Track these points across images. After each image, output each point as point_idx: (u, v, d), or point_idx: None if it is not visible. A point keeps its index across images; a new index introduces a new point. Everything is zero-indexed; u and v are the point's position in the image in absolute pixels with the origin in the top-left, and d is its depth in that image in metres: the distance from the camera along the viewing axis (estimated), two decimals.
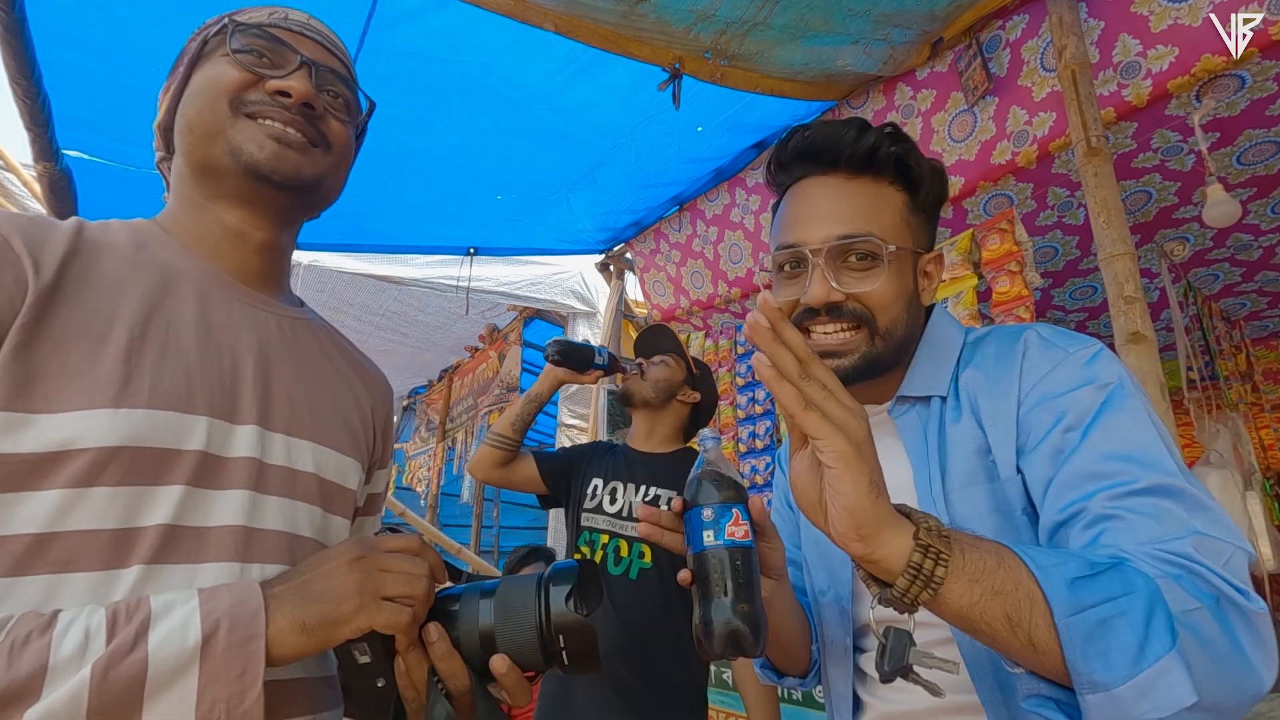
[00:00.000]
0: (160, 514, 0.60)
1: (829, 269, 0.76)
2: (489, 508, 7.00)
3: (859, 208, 0.78)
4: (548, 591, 0.64)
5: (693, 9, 1.91)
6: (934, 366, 0.81)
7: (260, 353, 0.71)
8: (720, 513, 0.69)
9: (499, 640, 0.63)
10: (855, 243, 0.76)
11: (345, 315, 4.59)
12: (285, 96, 0.72)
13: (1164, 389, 1.57)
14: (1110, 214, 1.69)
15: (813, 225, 0.78)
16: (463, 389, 5.70)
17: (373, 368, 0.91)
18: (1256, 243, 2.71)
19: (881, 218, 0.78)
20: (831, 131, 0.80)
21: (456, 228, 3.46)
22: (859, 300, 0.77)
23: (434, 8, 1.93)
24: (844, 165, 0.79)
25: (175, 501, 0.61)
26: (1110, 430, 0.65)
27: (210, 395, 0.65)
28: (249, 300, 0.74)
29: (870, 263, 0.77)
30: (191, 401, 0.63)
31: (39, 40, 1.78)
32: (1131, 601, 0.52)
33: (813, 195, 0.80)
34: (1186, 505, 0.60)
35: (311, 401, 0.75)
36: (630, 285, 4.02)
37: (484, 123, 2.50)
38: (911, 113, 2.32)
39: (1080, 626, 0.52)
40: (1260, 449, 3.58)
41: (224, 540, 0.63)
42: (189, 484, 0.62)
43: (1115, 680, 0.51)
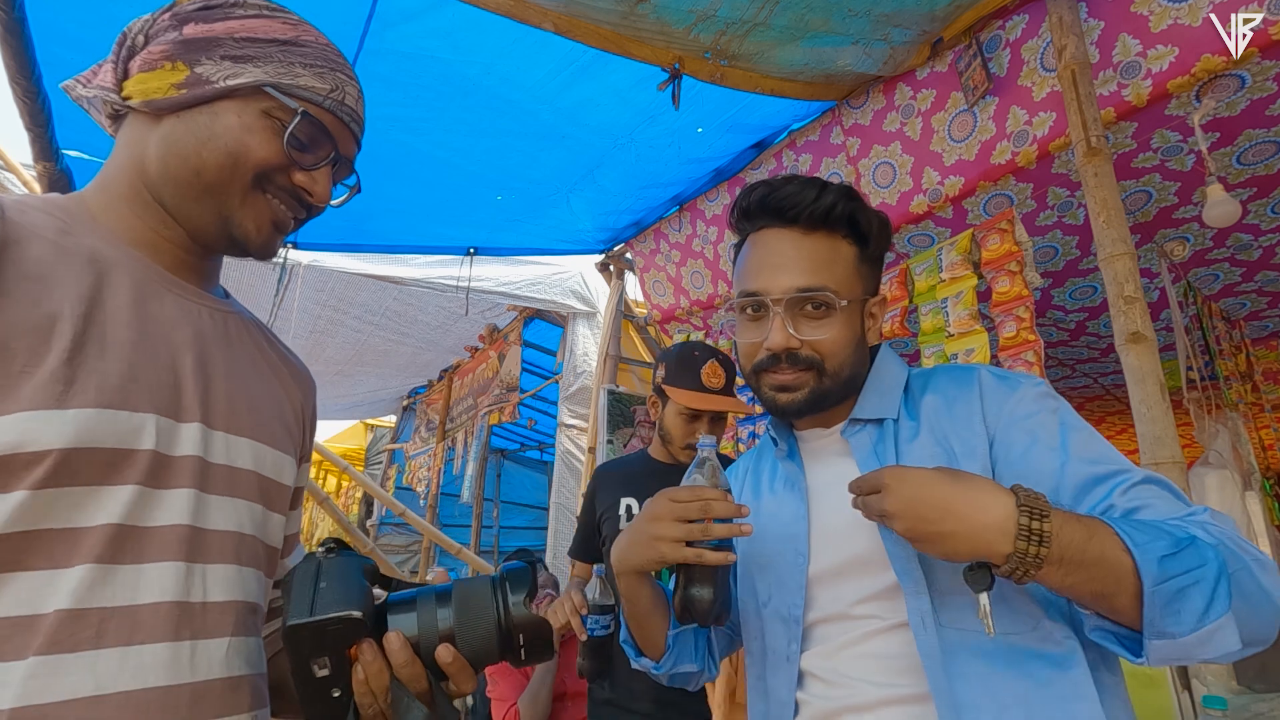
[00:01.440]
0: (109, 514, 0.59)
1: (788, 317, 0.87)
2: (489, 508, 7.01)
3: (816, 262, 0.88)
4: (505, 593, 0.68)
5: (693, 9, 1.91)
6: (881, 395, 0.92)
7: (197, 347, 0.69)
8: None
9: (459, 641, 0.66)
10: (813, 294, 0.86)
11: (345, 315, 4.59)
12: (306, 194, 0.73)
13: (1164, 389, 1.57)
14: (1110, 214, 1.69)
15: (775, 275, 0.88)
16: (463, 389, 5.70)
17: (297, 361, 0.91)
18: (1256, 243, 2.71)
19: (835, 271, 0.88)
20: (793, 190, 0.89)
21: (456, 228, 3.46)
22: (812, 347, 0.87)
23: (434, 8, 1.93)
24: (803, 221, 0.89)
25: (126, 501, 0.60)
26: (1081, 444, 0.81)
27: (154, 392, 0.63)
28: (181, 292, 0.71)
29: (824, 312, 0.87)
30: (138, 399, 0.62)
31: (39, 40, 1.78)
32: (1205, 572, 0.65)
33: (774, 246, 0.90)
34: (1165, 487, 0.77)
35: (248, 397, 0.73)
36: (630, 285, 4.02)
37: (484, 123, 2.50)
38: (911, 113, 2.32)
39: (1163, 594, 0.64)
40: (1260, 449, 3.58)
41: (169, 540, 0.62)
42: (141, 484, 0.61)
43: (1183, 631, 0.64)
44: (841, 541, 0.87)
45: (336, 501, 7.98)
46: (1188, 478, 1.55)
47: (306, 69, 0.71)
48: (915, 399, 0.91)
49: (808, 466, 0.96)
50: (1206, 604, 0.64)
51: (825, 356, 0.87)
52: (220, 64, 0.67)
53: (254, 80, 0.68)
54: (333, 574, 0.64)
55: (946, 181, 2.31)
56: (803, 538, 0.90)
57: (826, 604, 0.87)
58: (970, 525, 0.66)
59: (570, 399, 4.30)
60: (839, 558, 0.87)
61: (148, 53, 0.68)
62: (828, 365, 0.87)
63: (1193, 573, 0.64)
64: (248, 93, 0.68)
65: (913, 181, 2.41)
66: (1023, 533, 0.65)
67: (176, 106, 0.67)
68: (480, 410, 5.03)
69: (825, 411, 0.92)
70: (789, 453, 0.97)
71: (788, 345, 0.86)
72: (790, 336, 0.86)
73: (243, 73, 0.67)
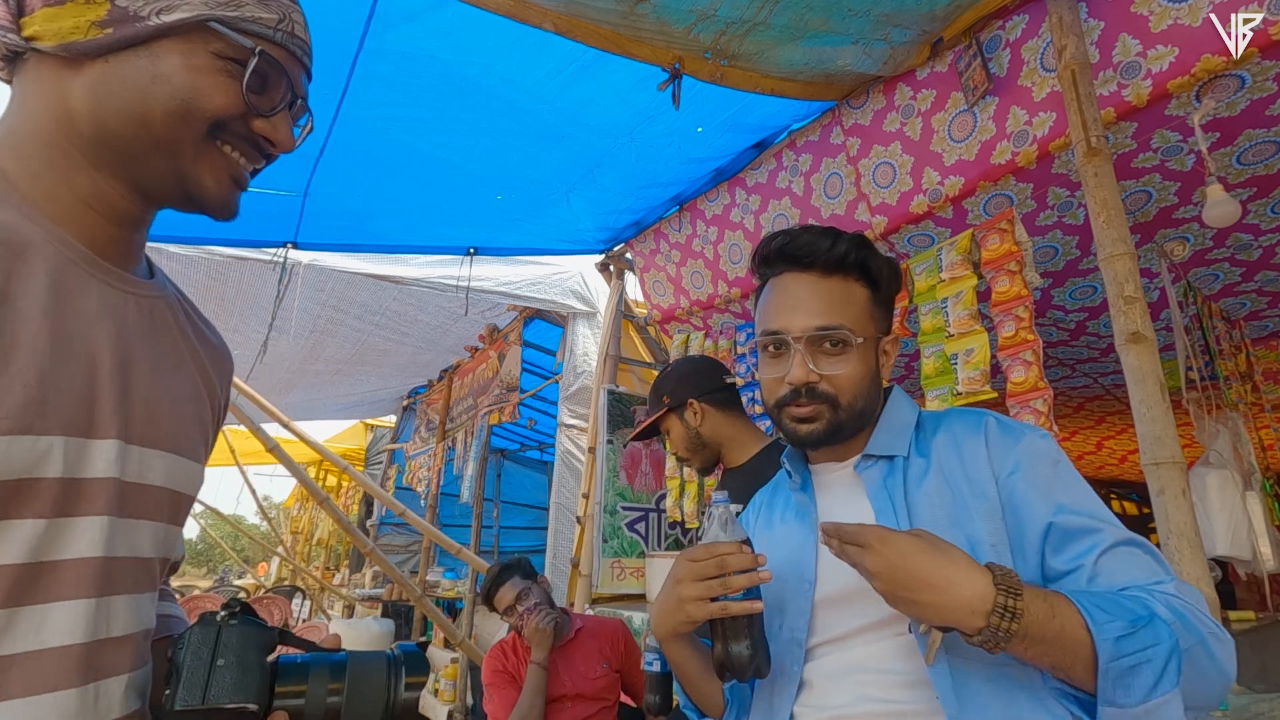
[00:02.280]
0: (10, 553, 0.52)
1: (808, 354, 0.93)
2: (489, 508, 7.01)
3: (832, 303, 0.95)
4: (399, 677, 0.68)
5: (693, 9, 1.91)
6: (892, 434, 0.98)
7: (119, 347, 0.61)
8: None
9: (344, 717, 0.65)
10: (830, 333, 0.93)
11: (345, 315, 4.59)
12: (268, 143, 0.66)
13: (1164, 389, 1.57)
14: (1110, 214, 1.69)
15: (794, 316, 0.95)
16: (463, 389, 5.70)
17: (217, 338, 0.80)
18: (1256, 243, 2.71)
19: (849, 311, 0.95)
20: (810, 239, 0.97)
21: (456, 228, 3.46)
22: (829, 382, 0.94)
23: (434, 8, 1.93)
24: (819, 266, 0.97)
25: (28, 538, 0.52)
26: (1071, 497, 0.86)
27: (65, 409, 0.55)
28: (106, 278, 0.61)
29: (841, 349, 0.94)
30: (44, 419, 0.53)
31: None
32: (1157, 651, 0.70)
33: (793, 289, 0.98)
34: (1144, 550, 0.82)
35: (169, 400, 0.66)
36: (630, 285, 4.02)
37: (484, 123, 2.50)
38: (911, 113, 2.32)
39: (1116, 669, 0.70)
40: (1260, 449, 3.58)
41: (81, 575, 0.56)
42: (47, 516, 0.54)
43: (1132, 703, 0.70)
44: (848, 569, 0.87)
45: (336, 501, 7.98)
46: (1188, 478, 1.55)
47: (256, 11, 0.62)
48: (926, 438, 0.97)
49: (819, 498, 1.01)
50: (1155, 680, 0.70)
51: (840, 391, 0.94)
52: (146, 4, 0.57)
53: (195, 15, 0.58)
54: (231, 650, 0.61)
55: (946, 181, 2.31)
56: (810, 564, 0.95)
57: (830, 628, 0.92)
58: (946, 599, 0.72)
59: (570, 399, 4.30)
60: (845, 584, 0.90)
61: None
62: (843, 399, 0.94)
63: (1146, 651, 0.70)
64: (189, 29, 0.59)
65: (913, 181, 2.41)
66: (998, 609, 0.70)
67: (103, 49, 0.57)
68: (480, 410, 5.03)
69: (840, 444, 0.98)
70: (802, 485, 1.03)
71: (807, 379, 0.93)
72: (810, 371, 0.93)
73: (179, 5, 0.58)
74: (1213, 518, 2.60)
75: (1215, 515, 2.60)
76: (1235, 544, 2.56)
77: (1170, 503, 1.52)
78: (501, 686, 2.33)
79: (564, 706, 2.33)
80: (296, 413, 6.22)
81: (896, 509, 0.91)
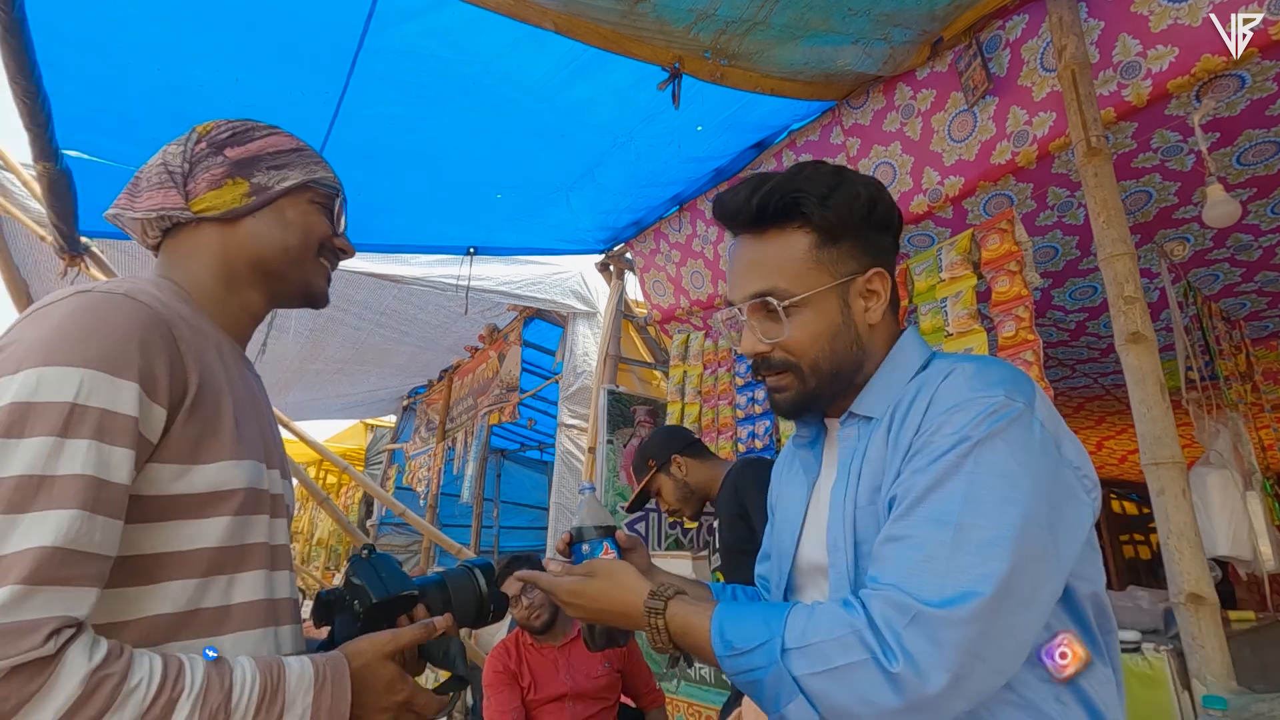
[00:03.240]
0: (261, 534, 0.81)
1: (754, 323, 0.88)
2: (489, 507, 7.00)
3: (764, 264, 0.86)
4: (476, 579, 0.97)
5: (692, 8, 1.91)
6: (884, 390, 0.86)
7: (265, 409, 0.92)
8: (594, 547, 0.96)
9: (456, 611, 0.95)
10: (762, 299, 0.86)
11: (345, 314, 4.59)
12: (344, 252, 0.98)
13: (1164, 389, 1.57)
14: (1110, 214, 1.69)
15: (736, 284, 0.89)
16: (463, 389, 5.70)
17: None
18: (1256, 243, 2.71)
19: (786, 268, 0.85)
20: (728, 199, 0.89)
21: (456, 227, 3.46)
22: (784, 348, 0.86)
23: (433, 7, 1.93)
24: (746, 226, 0.89)
25: (265, 524, 0.83)
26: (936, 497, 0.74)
27: (264, 446, 0.85)
28: (245, 363, 0.92)
29: (788, 311, 0.85)
30: (262, 452, 0.84)
31: (39, 40, 1.78)
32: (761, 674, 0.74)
33: (735, 254, 0.91)
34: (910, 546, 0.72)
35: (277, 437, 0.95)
36: (630, 285, 4.02)
37: (484, 122, 2.50)
38: (911, 113, 2.32)
39: (739, 683, 0.78)
40: (1260, 449, 3.58)
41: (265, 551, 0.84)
42: (270, 515, 0.83)
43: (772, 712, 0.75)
44: (815, 544, 0.89)
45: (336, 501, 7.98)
46: (1188, 478, 1.55)
47: (316, 165, 0.94)
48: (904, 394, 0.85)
49: (827, 454, 0.95)
50: (773, 698, 0.74)
51: (798, 356, 0.86)
52: (268, 173, 0.89)
53: (298, 180, 0.91)
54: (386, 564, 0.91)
55: (946, 181, 2.31)
56: (797, 526, 0.93)
57: (805, 596, 0.91)
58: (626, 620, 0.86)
59: (570, 399, 4.30)
60: (810, 559, 0.91)
61: (208, 175, 0.87)
62: (804, 364, 0.86)
63: (753, 672, 0.75)
64: (295, 190, 0.91)
65: (913, 181, 2.41)
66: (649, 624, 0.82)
67: (251, 210, 0.88)
68: (480, 410, 5.03)
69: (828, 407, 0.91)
70: (811, 440, 0.97)
71: (755, 350, 0.88)
72: (758, 342, 0.87)
73: (287, 178, 0.90)
74: (1213, 518, 2.60)
75: (1215, 515, 2.60)
76: (1236, 544, 2.56)
77: (1170, 503, 1.52)
78: (501, 688, 2.33)
79: (565, 706, 2.33)
80: (296, 413, 6.22)
81: (850, 480, 0.84)
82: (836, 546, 0.82)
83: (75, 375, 0.66)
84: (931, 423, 0.76)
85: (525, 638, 2.44)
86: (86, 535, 0.62)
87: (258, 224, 0.89)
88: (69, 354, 0.66)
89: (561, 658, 2.39)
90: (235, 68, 2.14)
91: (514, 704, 2.30)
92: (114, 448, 0.66)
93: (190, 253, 0.88)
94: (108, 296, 0.72)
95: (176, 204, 0.86)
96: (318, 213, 0.93)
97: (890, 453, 0.80)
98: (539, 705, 2.34)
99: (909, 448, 0.77)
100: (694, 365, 3.40)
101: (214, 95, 2.22)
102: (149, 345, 0.71)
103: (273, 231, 0.89)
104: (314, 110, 2.30)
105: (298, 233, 0.91)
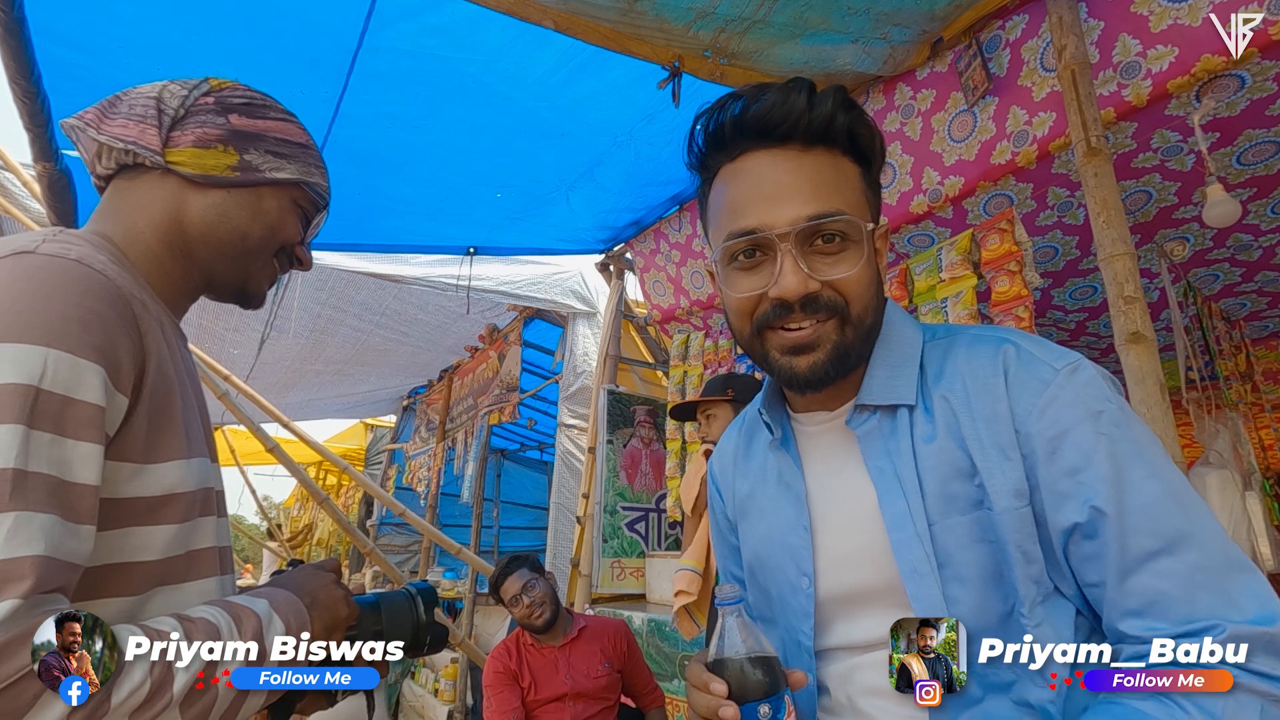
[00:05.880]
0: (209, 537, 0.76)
1: (800, 255, 0.68)
2: (489, 508, 7.01)
3: (825, 183, 0.69)
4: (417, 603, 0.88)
5: (692, 6, 1.91)
6: (893, 370, 0.74)
7: (202, 393, 0.85)
8: (776, 706, 0.63)
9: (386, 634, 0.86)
10: (828, 222, 0.68)
11: (345, 314, 4.59)
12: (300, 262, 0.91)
13: (1164, 389, 1.57)
14: (1110, 214, 1.69)
15: (775, 206, 0.68)
16: (463, 389, 5.70)
17: None
18: (1256, 243, 2.71)
19: (847, 194, 0.70)
20: (780, 98, 0.69)
21: (456, 227, 3.46)
22: (834, 288, 0.69)
23: (433, 5, 1.93)
24: (797, 137, 0.70)
25: (213, 526, 0.77)
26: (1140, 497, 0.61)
27: (208, 438, 0.81)
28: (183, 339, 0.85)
29: (842, 244, 0.69)
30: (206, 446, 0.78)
31: (39, 40, 1.78)
32: None
33: (766, 173, 0.70)
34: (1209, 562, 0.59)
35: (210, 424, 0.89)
36: (630, 285, 4.02)
37: (483, 120, 2.50)
38: (911, 113, 2.32)
39: None
40: (1260, 449, 3.58)
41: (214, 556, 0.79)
42: (216, 515, 0.78)
43: None
44: (851, 568, 0.74)
45: (336, 501, 7.98)
46: (1188, 477, 1.55)
47: (316, 169, 0.89)
48: (929, 381, 0.73)
49: (806, 462, 0.79)
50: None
51: (850, 299, 0.69)
52: (265, 157, 0.83)
53: (293, 177, 0.85)
54: None
55: (946, 181, 2.31)
56: (806, 557, 0.76)
57: (839, 634, 0.75)
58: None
59: (570, 399, 4.30)
60: (849, 585, 0.74)
61: (202, 131, 0.79)
62: (853, 309, 0.69)
63: None
64: (284, 183, 0.85)
65: (913, 181, 2.41)
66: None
67: (228, 184, 0.80)
68: (480, 410, 5.03)
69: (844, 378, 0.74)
70: (783, 441, 0.80)
71: (805, 290, 0.68)
72: (807, 278, 0.67)
73: (283, 169, 0.84)
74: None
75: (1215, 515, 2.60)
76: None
77: None
78: (501, 689, 2.33)
79: (565, 706, 2.33)
80: (296, 413, 6.22)
81: (906, 488, 0.69)
82: (919, 572, 0.67)
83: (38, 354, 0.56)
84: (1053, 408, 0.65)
85: (525, 638, 2.44)
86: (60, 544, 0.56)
87: (228, 200, 0.80)
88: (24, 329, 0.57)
89: (562, 658, 2.39)
90: (234, 67, 2.14)
91: (514, 704, 2.30)
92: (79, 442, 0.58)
93: (141, 204, 0.78)
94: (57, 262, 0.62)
95: (151, 144, 0.77)
96: (294, 215, 0.86)
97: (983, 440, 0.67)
98: (539, 705, 2.34)
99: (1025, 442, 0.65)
100: (694, 365, 3.40)
101: None
102: (109, 322, 0.62)
103: (240, 214, 0.81)
104: (314, 109, 2.30)
105: (264, 226, 0.83)
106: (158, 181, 0.79)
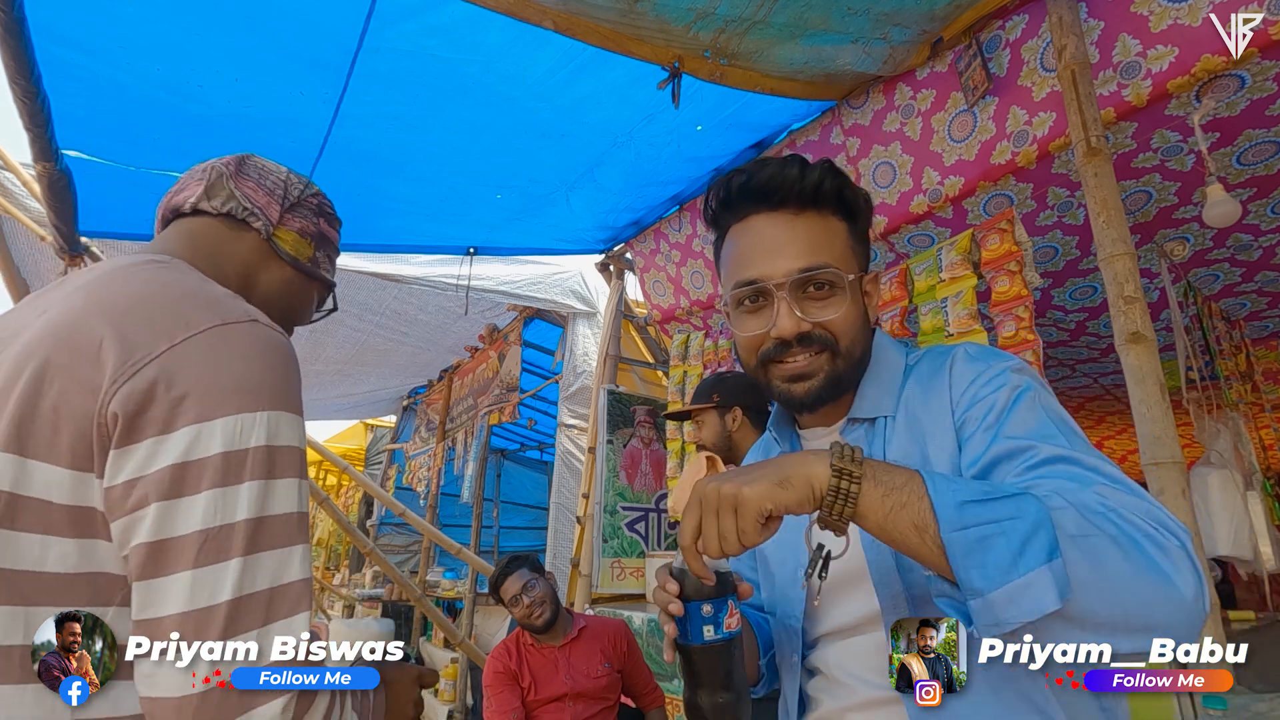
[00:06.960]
0: None
1: (793, 301, 0.83)
2: (489, 507, 7.01)
3: (813, 240, 0.84)
4: None
5: (691, 7, 1.91)
6: (880, 388, 0.88)
7: None
8: (718, 607, 0.73)
9: None
10: (816, 273, 0.82)
11: (345, 314, 4.60)
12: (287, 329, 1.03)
13: (1164, 389, 1.57)
14: (1110, 214, 1.69)
15: (772, 260, 0.84)
16: (463, 389, 5.70)
17: None
18: (1256, 243, 2.71)
19: (833, 248, 0.85)
20: (776, 170, 0.85)
21: (456, 227, 3.46)
22: (825, 327, 0.83)
23: (433, 6, 1.93)
24: (791, 202, 0.85)
25: None
26: (1017, 421, 0.76)
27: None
28: None
29: (830, 291, 0.84)
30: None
31: (39, 40, 1.78)
32: (1015, 524, 0.60)
33: (766, 231, 0.86)
34: (1084, 467, 0.70)
35: None
36: (630, 285, 4.02)
37: (483, 121, 2.49)
38: (911, 113, 2.32)
39: (961, 541, 0.60)
40: (1260, 449, 3.58)
41: None
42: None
43: (988, 588, 0.59)
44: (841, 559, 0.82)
45: (336, 502, 7.98)
46: (1188, 478, 1.55)
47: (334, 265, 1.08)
48: (905, 393, 0.88)
49: None
50: (1014, 555, 0.58)
51: (839, 335, 0.84)
52: (326, 259, 1.05)
53: (330, 279, 1.07)
54: None
55: (946, 181, 2.31)
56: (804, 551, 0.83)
57: (830, 619, 0.87)
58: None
59: (570, 399, 4.30)
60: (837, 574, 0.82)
61: (302, 223, 1.00)
62: (841, 343, 0.84)
63: (1000, 523, 0.60)
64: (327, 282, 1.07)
65: (912, 181, 2.41)
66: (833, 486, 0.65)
67: (295, 266, 1.00)
68: (480, 410, 5.03)
69: (837, 400, 0.88)
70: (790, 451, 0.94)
71: (798, 330, 0.82)
72: (800, 320, 0.82)
73: (329, 273, 1.06)
74: (1214, 518, 2.60)
75: (1216, 515, 2.60)
76: (1236, 544, 2.56)
77: (1170, 503, 1.52)
78: (501, 689, 2.33)
79: (565, 706, 2.33)
80: None
81: None
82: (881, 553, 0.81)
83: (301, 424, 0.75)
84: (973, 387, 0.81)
85: (525, 638, 2.44)
86: None
87: (294, 280, 1.00)
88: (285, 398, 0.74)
89: (561, 658, 2.39)
90: (235, 67, 2.14)
91: (514, 704, 2.30)
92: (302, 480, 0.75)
93: (233, 253, 0.95)
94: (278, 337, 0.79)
95: (271, 216, 0.97)
96: (313, 303, 1.07)
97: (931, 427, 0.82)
98: (539, 705, 2.34)
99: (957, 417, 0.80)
100: (694, 365, 3.40)
101: (213, 95, 2.22)
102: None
103: (297, 292, 1.02)
104: (314, 110, 2.30)
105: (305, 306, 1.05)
106: (255, 243, 0.96)
